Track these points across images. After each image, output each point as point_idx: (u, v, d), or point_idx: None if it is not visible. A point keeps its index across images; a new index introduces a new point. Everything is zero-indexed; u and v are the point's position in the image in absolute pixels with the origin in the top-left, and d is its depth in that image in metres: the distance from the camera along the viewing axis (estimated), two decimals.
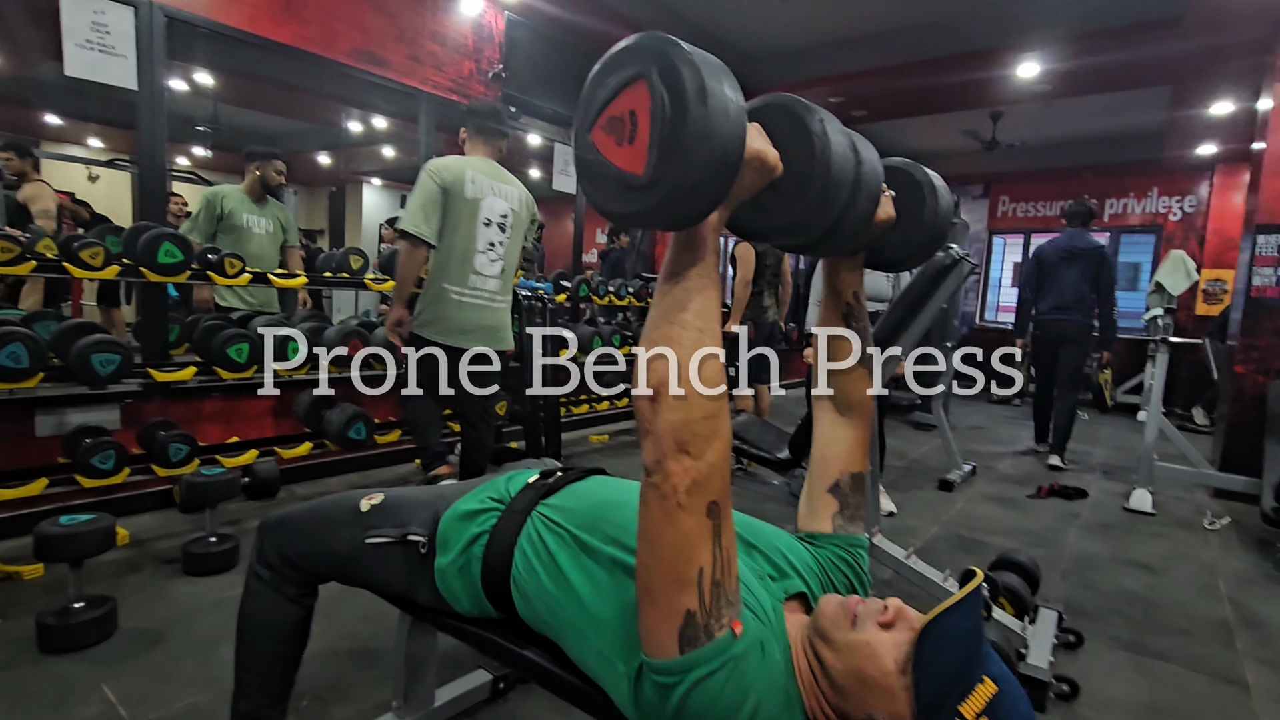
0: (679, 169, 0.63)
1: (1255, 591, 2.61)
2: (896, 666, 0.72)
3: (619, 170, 0.67)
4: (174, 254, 2.50)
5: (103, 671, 1.68)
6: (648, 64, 0.65)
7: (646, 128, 0.64)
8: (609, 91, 0.68)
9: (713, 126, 0.63)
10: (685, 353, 0.72)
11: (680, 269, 0.75)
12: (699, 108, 0.62)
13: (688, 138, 0.62)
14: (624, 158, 0.66)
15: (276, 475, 3.04)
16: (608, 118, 0.68)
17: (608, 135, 0.67)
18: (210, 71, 5.26)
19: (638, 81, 0.65)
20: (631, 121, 0.65)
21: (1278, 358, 3.88)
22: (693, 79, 0.63)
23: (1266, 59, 4.06)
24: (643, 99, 0.64)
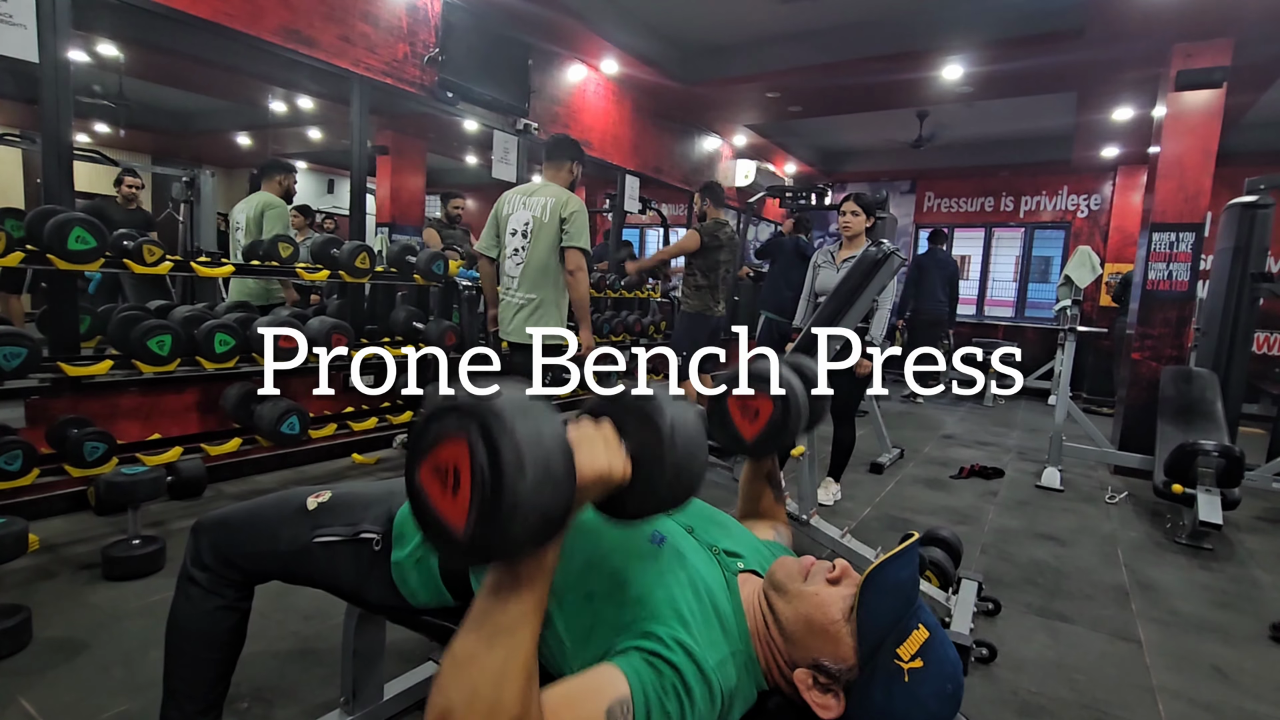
0: (498, 534, 0.61)
1: (1148, 558, 2.87)
2: (842, 615, 0.80)
3: (441, 520, 0.64)
4: (86, 240, 2.34)
5: (20, 683, 1.58)
6: (469, 425, 0.63)
7: (466, 487, 0.62)
8: (432, 437, 0.66)
9: (534, 500, 0.61)
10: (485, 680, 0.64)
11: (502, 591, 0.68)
12: (517, 482, 0.60)
13: (506, 509, 0.60)
14: (447, 508, 0.64)
15: (203, 473, 2.90)
16: (433, 463, 0.65)
17: (434, 479, 0.65)
18: (119, 44, 4.90)
19: (458, 436, 0.63)
20: (454, 474, 0.63)
21: (1169, 346, 4.25)
22: (512, 453, 0.60)
23: (1161, 70, 4.41)
24: (464, 455, 0.62)
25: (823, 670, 0.80)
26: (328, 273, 3.21)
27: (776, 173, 8.33)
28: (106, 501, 2.20)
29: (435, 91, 4.09)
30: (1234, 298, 4.05)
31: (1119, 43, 4.28)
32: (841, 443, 3.34)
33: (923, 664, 0.76)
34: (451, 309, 3.88)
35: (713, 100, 6.16)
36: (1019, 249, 8.74)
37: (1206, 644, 2.15)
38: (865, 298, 2.39)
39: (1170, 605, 2.41)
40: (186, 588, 1.14)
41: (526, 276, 2.82)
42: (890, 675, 0.76)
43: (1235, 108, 4.92)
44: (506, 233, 2.87)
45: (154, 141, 7.91)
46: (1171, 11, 3.80)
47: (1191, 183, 4.13)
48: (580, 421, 0.77)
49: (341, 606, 1.39)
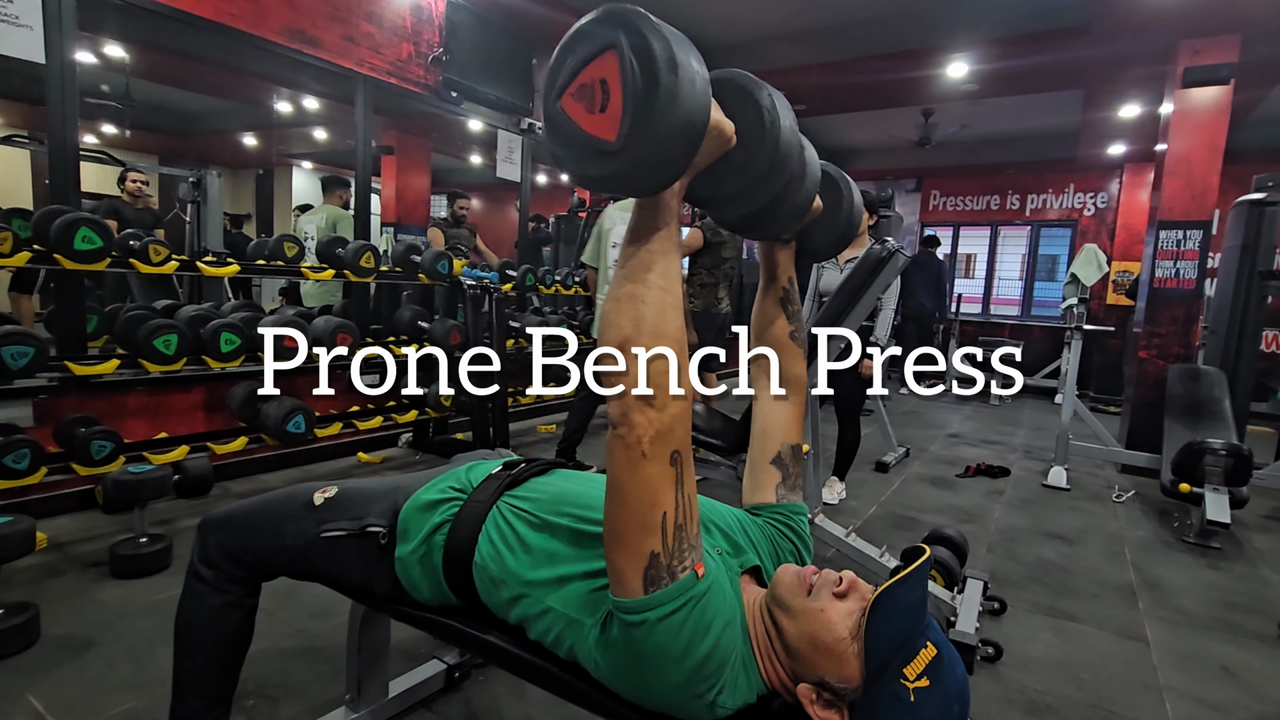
0: (650, 136, 0.66)
1: (1155, 557, 2.85)
2: (849, 633, 0.78)
3: (590, 136, 0.69)
4: (92, 240, 2.35)
5: (27, 681, 1.59)
6: (617, 34, 0.67)
7: (619, 96, 0.66)
8: (579, 60, 0.70)
9: (681, 96, 0.65)
10: (649, 311, 0.76)
11: (644, 233, 0.79)
12: (669, 78, 0.64)
13: (659, 107, 0.64)
14: (595, 124, 0.68)
15: (209, 472, 2.91)
16: (578, 85, 0.69)
17: (578, 102, 0.69)
18: (125, 45, 4.92)
19: (608, 51, 0.67)
20: (603, 90, 0.67)
21: (1176, 344, 4.22)
22: (663, 50, 0.65)
23: (1168, 67, 4.38)
24: (613, 68, 0.66)
25: (827, 688, 0.79)
26: (333, 272, 3.22)
27: None
28: (114, 500, 2.21)
29: (439, 91, 4.10)
30: (1242, 295, 4.03)
31: (1125, 39, 4.25)
32: (846, 442, 3.33)
33: (929, 683, 0.74)
34: (456, 308, 3.88)
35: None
36: (1025, 247, 8.71)
37: (1214, 643, 2.13)
38: (869, 297, 2.38)
39: (1178, 604, 2.40)
40: (194, 585, 1.14)
41: None
42: (895, 696, 0.74)
43: (1243, 104, 4.88)
44: (608, 245, 3.40)
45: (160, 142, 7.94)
46: (1178, 8, 3.77)
47: (1199, 180, 4.11)
48: None
49: (346, 605, 1.40)
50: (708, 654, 0.77)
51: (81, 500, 2.68)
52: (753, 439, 1.15)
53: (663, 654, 0.76)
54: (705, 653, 0.77)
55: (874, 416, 4.42)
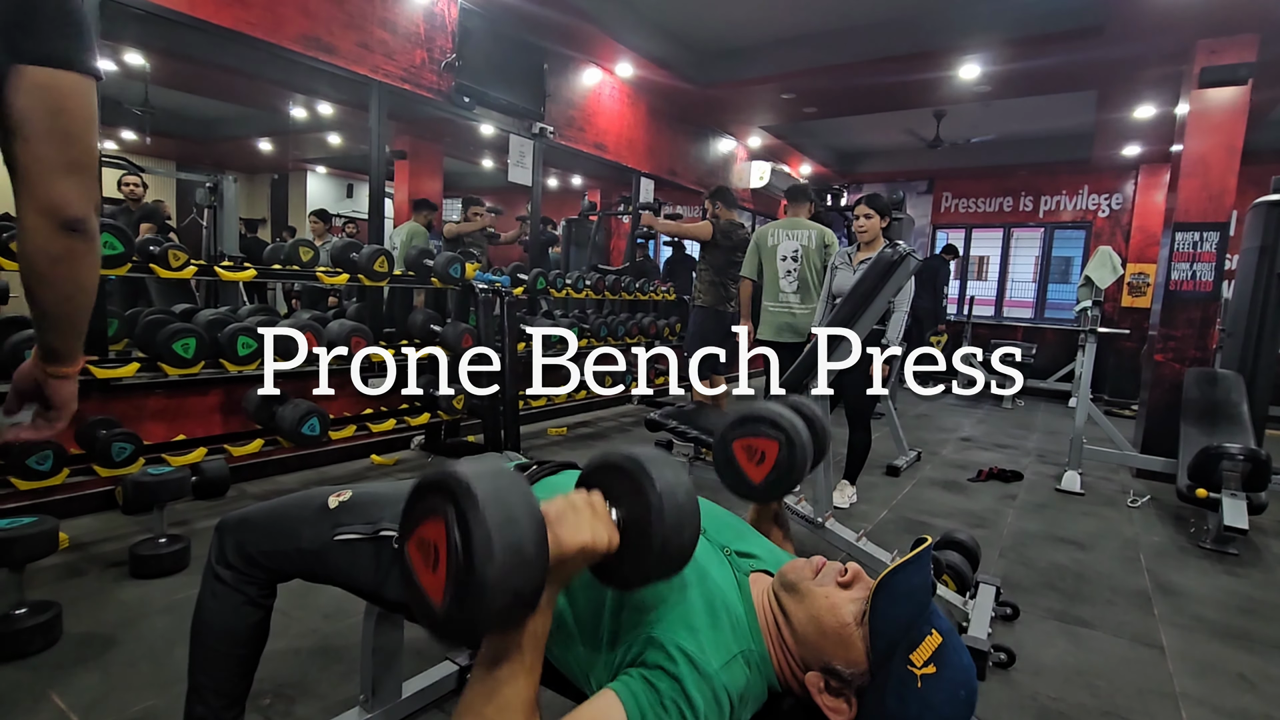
0: (470, 612, 0.65)
1: (1171, 563, 2.82)
2: (854, 619, 0.80)
3: (423, 591, 0.68)
4: (113, 245, 2.40)
5: (50, 678, 1.63)
6: (445, 505, 0.66)
7: (443, 564, 0.66)
8: (418, 515, 0.70)
9: (504, 583, 0.64)
10: None
11: (494, 658, 0.73)
12: (486, 566, 0.63)
13: (475, 591, 0.64)
14: (429, 582, 0.68)
15: (226, 473, 2.95)
16: (419, 537, 0.69)
17: (418, 553, 0.69)
18: (144, 53, 5.01)
19: (435, 517, 0.67)
20: (434, 551, 0.67)
21: (1192, 347, 4.17)
22: (483, 539, 0.63)
23: (1183, 67, 4.34)
24: (440, 535, 0.66)
25: (834, 674, 0.80)
26: (347, 276, 3.26)
27: (792, 174, 8.31)
28: (134, 501, 2.25)
29: (452, 96, 4.13)
30: (1260, 298, 3.97)
31: (1140, 40, 4.22)
32: (857, 445, 3.33)
33: (936, 670, 0.75)
34: (469, 311, 3.91)
35: (727, 102, 6.16)
36: (1039, 249, 8.63)
37: (1231, 651, 2.11)
38: (881, 300, 2.38)
39: (1194, 611, 2.37)
40: (211, 585, 1.16)
41: (801, 291, 3.58)
42: (903, 681, 0.75)
43: (1261, 104, 4.83)
44: (777, 259, 3.60)
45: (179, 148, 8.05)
46: (1194, 7, 3.74)
47: (1216, 181, 4.06)
48: (572, 492, 0.80)
49: (361, 605, 1.42)
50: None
51: (102, 501, 2.73)
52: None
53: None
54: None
55: (885, 420, 4.41)
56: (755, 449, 1.13)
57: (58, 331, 0.81)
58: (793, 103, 6.09)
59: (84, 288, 0.78)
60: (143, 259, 2.61)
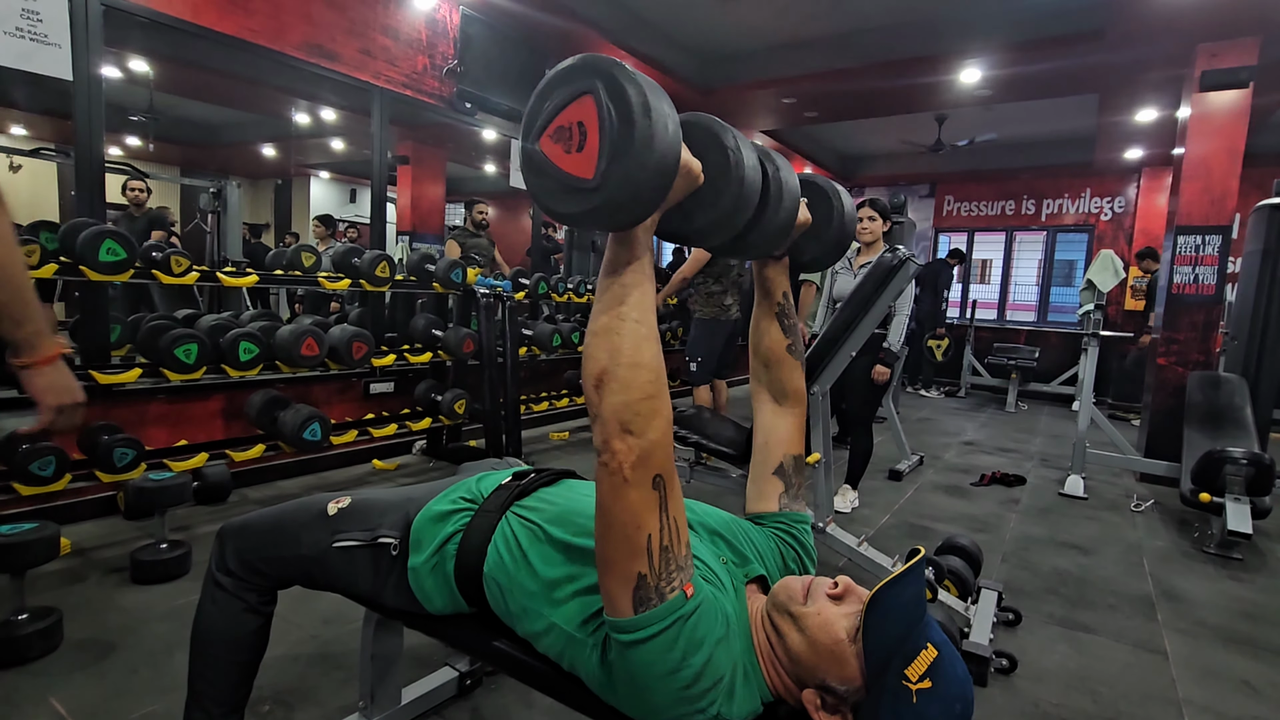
0: (625, 175, 0.70)
1: (1174, 568, 2.81)
2: (847, 635, 0.80)
3: (567, 175, 0.73)
4: (116, 252, 2.41)
5: (50, 684, 1.63)
6: (594, 81, 0.71)
7: (595, 137, 0.70)
8: (556, 104, 0.74)
9: (655, 138, 0.70)
10: (625, 342, 0.78)
11: (618, 266, 0.81)
12: (644, 121, 0.69)
13: (634, 148, 0.69)
14: (572, 164, 0.72)
15: (228, 479, 2.97)
16: (555, 128, 0.73)
17: (555, 143, 0.73)
18: (148, 59, 5.04)
19: (585, 96, 0.71)
20: (580, 131, 0.71)
21: (1196, 350, 4.16)
22: (638, 96, 0.69)
23: (1185, 71, 4.34)
24: (590, 112, 0.70)
25: (830, 691, 0.80)
26: (349, 281, 3.27)
27: None
28: (135, 506, 2.26)
29: (454, 102, 4.15)
30: (1263, 301, 3.96)
31: (1141, 43, 4.22)
32: (859, 450, 3.32)
33: (931, 684, 0.74)
34: (470, 316, 3.92)
35: (729, 106, 6.16)
36: (1041, 252, 8.62)
37: (1235, 657, 2.10)
38: (880, 304, 2.38)
39: (1197, 616, 2.36)
40: (211, 591, 1.17)
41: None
42: (897, 697, 0.75)
43: (1262, 107, 4.82)
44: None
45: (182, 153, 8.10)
46: (1195, 11, 3.74)
47: (1218, 184, 4.05)
48: None
49: (360, 611, 1.42)
50: (700, 670, 0.78)
51: (104, 506, 2.74)
52: (755, 451, 1.17)
53: (652, 671, 0.78)
54: (697, 669, 0.78)
55: (887, 424, 4.40)
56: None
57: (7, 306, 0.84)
58: (794, 107, 6.10)
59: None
60: (145, 265, 2.62)
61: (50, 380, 0.90)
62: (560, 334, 4.26)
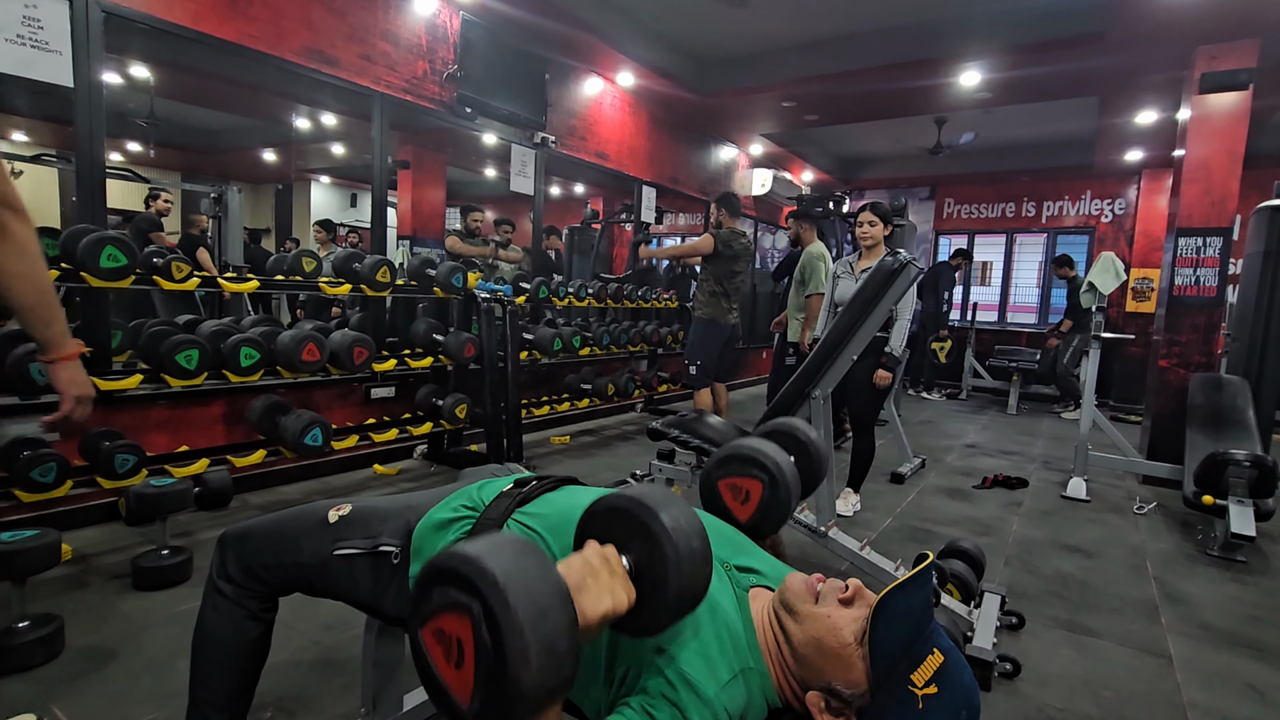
0: (505, 714, 0.61)
1: (1178, 570, 2.80)
2: (854, 639, 0.79)
3: (446, 688, 0.65)
4: (117, 258, 2.41)
5: (52, 691, 1.63)
6: (470, 600, 0.62)
7: (471, 664, 0.62)
8: (435, 604, 0.65)
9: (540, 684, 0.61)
10: None
11: None
12: (523, 673, 0.60)
13: (511, 697, 0.60)
14: (452, 679, 0.64)
15: (229, 484, 2.97)
16: (436, 628, 0.65)
17: (437, 645, 0.65)
18: (149, 65, 5.05)
19: (461, 612, 0.62)
20: (458, 647, 0.63)
21: (1197, 352, 4.15)
22: (517, 644, 0.60)
23: (1185, 73, 4.34)
24: (467, 632, 0.62)
25: (835, 694, 0.80)
26: (350, 286, 3.27)
27: (794, 181, 8.32)
28: (136, 512, 2.26)
29: (454, 107, 4.16)
30: (1265, 303, 3.96)
31: (1141, 46, 4.22)
32: (861, 453, 3.31)
33: (937, 690, 0.74)
34: (471, 321, 3.92)
35: (728, 110, 6.17)
36: (1042, 254, 8.61)
37: (1239, 660, 2.09)
38: (882, 308, 2.38)
39: (1201, 619, 2.35)
40: (213, 598, 1.16)
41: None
42: (903, 702, 0.74)
43: (1262, 109, 4.82)
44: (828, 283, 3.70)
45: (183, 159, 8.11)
46: (1194, 13, 3.74)
47: (1218, 186, 4.05)
48: (585, 549, 0.77)
49: (361, 617, 1.41)
50: None
51: (105, 513, 2.74)
52: None
53: None
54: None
55: (889, 427, 4.39)
56: (740, 489, 1.12)
57: (31, 324, 1.00)
58: (794, 110, 6.11)
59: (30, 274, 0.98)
60: (146, 271, 2.62)
61: (72, 374, 1.05)
62: (561, 338, 4.26)
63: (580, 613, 0.66)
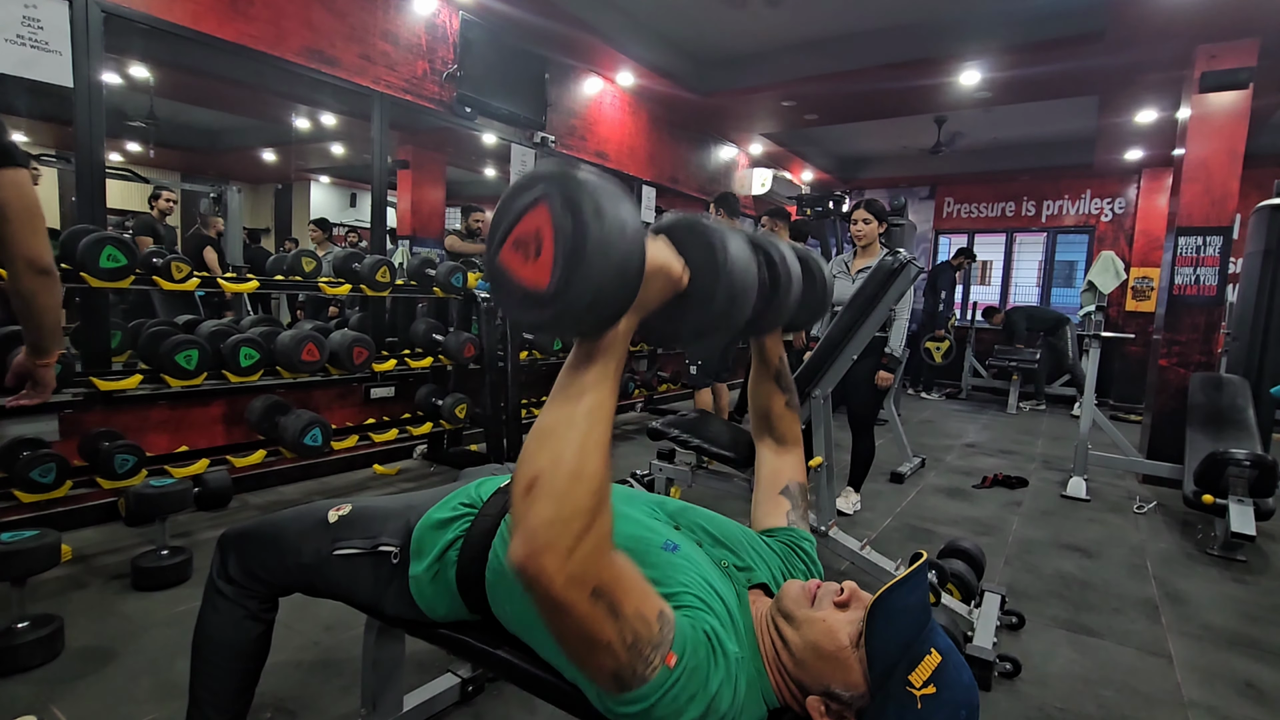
0: (580, 281, 0.67)
1: (1178, 570, 2.80)
2: (850, 641, 0.79)
3: (525, 285, 0.70)
4: (117, 258, 2.41)
5: (52, 692, 1.63)
6: (549, 187, 0.69)
7: (550, 244, 0.68)
8: (514, 214, 0.72)
9: (609, 243, 0.67)
10: (568, 448, 0.70)
11: (580, 363, 0.75)
12: (596, 225, 0.66)
13: (587, 254, 0.66)
14: (530, 272, 0.70)
15: (229, 485, 2.97)
16: (514, 239, 0.71)
17: (514, 253, 0.71)
18: (149, 66, 5.05)
19: (539, 204, 0.69)
20: (536, 240, 0.69)
21: (1197, 352, 4.15)
22: (589, 201, 0.67)
23: (1184, 72, 4.34)
24: (545, 220, 0.69)
25: (834, 698, 0.79)
26: (349, 286, 3.27)
27: (793, 181, 8.32)
28: (136, 513, 2.26)
29: (454, 107, 4.15)
30: (1265, 302, 3.96)
31: (1141, 45, 4.22)
32: (861, 453, 3.31)
33: (935, 690, 0.74)
34: (471, 321, 3.92)
35: (728, 110, 6.17)
36: (1042, 254, 8.61)
37: (1239, 659, 2.09)
38: (882, 308, 2.38)
39: (1202, 619, 2.35)
40: (213, 599, 1.17)
41: None
42: (902, 703, 0.74)
43: (1262, 108, 4.81)
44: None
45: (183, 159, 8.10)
46: (1194, 12, 3.74)
47: (1218, 185, 4.05)
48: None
49: (361, 618, 1.41)
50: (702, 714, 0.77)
51: (105, 513, 2.74)
52: (759, 480, 1.23)
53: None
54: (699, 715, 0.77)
55: (889, 426, 4.39)
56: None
57: (39, 335, 1.21)
58: (793, 110, 6.11)
59: (53, 306, 1.20)
60: (146, 271, 2.62)
61: (50, 374, 1.27)
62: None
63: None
